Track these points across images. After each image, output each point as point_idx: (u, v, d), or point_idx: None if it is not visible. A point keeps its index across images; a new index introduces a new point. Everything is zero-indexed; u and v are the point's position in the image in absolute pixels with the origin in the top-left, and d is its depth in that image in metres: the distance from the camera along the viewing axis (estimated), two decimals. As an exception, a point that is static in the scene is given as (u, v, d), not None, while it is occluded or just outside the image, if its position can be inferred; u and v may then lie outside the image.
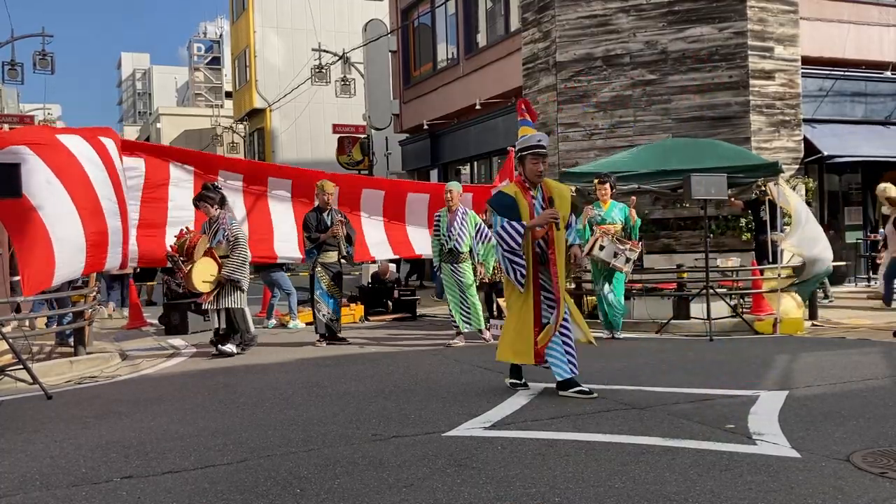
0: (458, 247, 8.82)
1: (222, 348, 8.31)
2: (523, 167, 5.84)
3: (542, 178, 5.86)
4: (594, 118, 13.47)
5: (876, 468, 3.71)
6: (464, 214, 8.94)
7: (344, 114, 30.94)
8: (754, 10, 12.73)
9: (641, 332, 9.60)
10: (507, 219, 5.66)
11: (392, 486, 3.66)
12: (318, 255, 9.01)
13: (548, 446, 4.29)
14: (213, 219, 8.39)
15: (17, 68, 24.51)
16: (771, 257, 10.61)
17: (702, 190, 8.81)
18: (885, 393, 5.49)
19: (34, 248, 7.23)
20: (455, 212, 8.91)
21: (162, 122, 50.80)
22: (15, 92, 41.62)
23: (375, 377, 6.80)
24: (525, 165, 5.82)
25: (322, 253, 9.02)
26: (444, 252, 8.93)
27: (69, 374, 7.62)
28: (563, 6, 13.62)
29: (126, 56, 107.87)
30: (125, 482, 3.89)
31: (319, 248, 9.01)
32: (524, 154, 5.81)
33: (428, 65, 22.38)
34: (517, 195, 5.76)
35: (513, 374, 6.06)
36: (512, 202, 5.73)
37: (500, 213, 5.71)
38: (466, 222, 8.89)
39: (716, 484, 3.56)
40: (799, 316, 9.40)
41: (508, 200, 5.74)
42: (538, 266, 5.74)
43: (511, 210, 5.70)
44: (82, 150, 7.93)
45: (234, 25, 39.53)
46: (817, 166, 13.98)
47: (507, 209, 5.71)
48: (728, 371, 6.59)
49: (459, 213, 8.92)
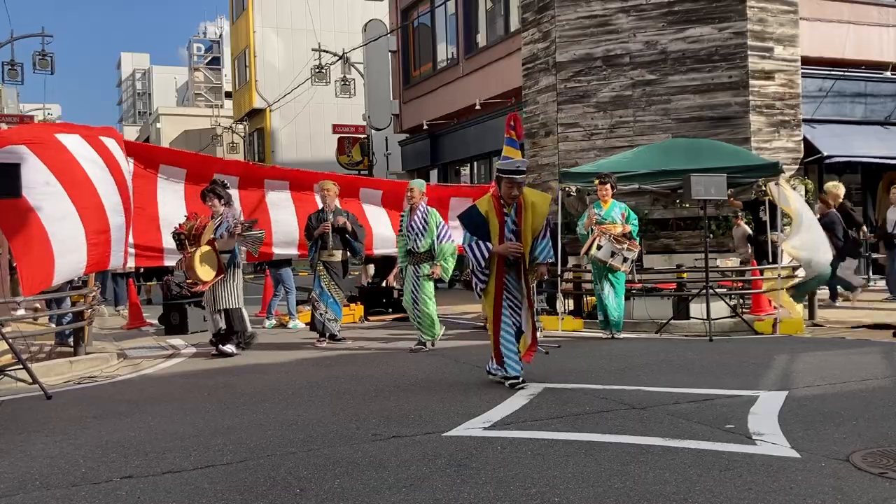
0: (415, 247, 8.50)
1: (222, 348, 8.31)
2: (499, 187, 6.08)
3: (515, 199, 6.06)
4: (594, 118, 13.47)
5: (875, 468, 3.71)
6: (424, 213, 8.53)
7: (344, 114, 30.96)
8: (754, 11, 12.74)
9: (641, 332, 9.60)
10: (476, 238, 5.95)
11: (392, 486, 3.66)
12: (318, 254, 9.00)
13: (547, 446, 4.29)
14: (216, 214, 8.38)
15: (17, 68, 24.54)
16: (771, 257, 10.61)
17: (702, 190, 8.81)
18: (884, 393, 5.49)
19: (32, 249, 7.22)
20: (415, 210, 8.54)
21: (162, 123, 50.82)
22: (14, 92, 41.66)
23: (375, 377, 6.79)
24: (501, 187, 6.04)
25: (323, 251, 9.00)
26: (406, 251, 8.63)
27: (69, 374, 7.61)
28: (562, 6, 13.62)
29: (126, 56, 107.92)
30: (125, 482, 3.89)
31: (317, 246, 9.01)
32: (501, 177, 6.04)
33: (428, 65, 22.39)
34: (489, 213, 6.01)
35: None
36: (482, 221, 5.99)
37: (470, 231, 6.00)
38: (428, 222, 8.48)
39: (715, 484, 3.56)
40: (799, 316, 9.40)
41: (478, 220, 6.00)
42: (504, 268, 6.03)
43: (479, 229, 5.98)
44: (82, 150, 7.91)
45: (233, 25, 39.55)
46: (817, 167, 13.98)
47: (476, 228, 5.99)
48: (728, 371, 6.59)
49: (420, 211, 8.53)
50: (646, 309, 10.08)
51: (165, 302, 11.35)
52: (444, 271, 8.58)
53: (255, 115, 36.40)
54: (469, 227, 6.02)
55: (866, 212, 15.22)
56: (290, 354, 8.51)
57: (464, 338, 9.54)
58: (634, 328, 9.73)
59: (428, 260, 8.51)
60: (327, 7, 35.04)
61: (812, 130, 13.55)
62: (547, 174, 13.94)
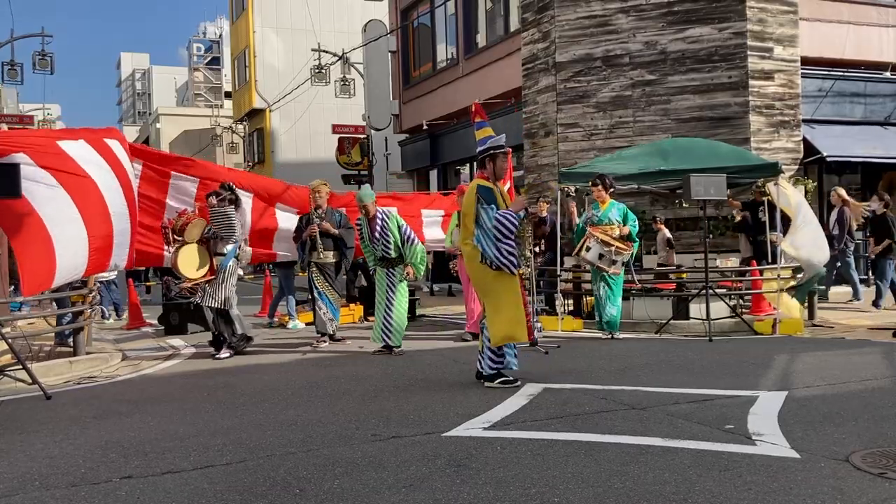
0: (386, 253, 8.52)
1: (217, 356, 8.32)
2: (494, 164, 6.23)
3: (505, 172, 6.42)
4: (594, 118, 13.48)
5: (875, 468, 3.71)
6: (384, 219, 8.55)
7: (343, 114, 30.94)
8: (754, 11, 12.75)
9: (641, 332, 9.60)
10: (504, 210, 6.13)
11: (391, 487, 3.66)
12: (307, 255, 9.06)
13: (547, 446, 4.29)
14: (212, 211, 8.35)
15: (17, 68, 24.50)
16: (770, 257, 10.61)
17: (701, 190, 8.81)
18: (884, 393, 5.49)
19: (33, 249, 7.20)
20: (374, 219, 8.55)
21: (161, 123, 50.80)
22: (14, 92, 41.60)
23: (374, 377, 6.79)
24: (496, 163, 6.22)
25: (313, 252, 9.02)
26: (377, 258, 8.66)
27: (68, 375, 7.61)
28: (562, 6, 13.63)
29: (126, 56, 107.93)
30: (124, 482, 3.89)
31: (304, 248, 9.07)
32: (497, 153, 6.23)
33: (427, 65, 22.39)
34: (492, 188, 6.21)
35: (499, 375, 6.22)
36: (495, 196, 6.17)
37: (489, 203, 6.10)
38: (388, 227, 8.49)
39: (715, 484, 3.56)
40: (798, 316, 9.40)
41: (494, 195, 6.17)
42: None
43: (496, 204, 6.16)
44: (86, 154, 7.88)
45: (233, 26, 39.53)
46: (817, 167, 13.99)
47: (495, 201, 6.15)
48: (727, 371, 6.59)
49: (379, 219, 8.54)
50: (645, 309, 10.09)
51: (165, 302, 11.35)
52: (417, 271, 8.71)
53: (255, 115, 36.39)
54: (489, 200, 6.09)
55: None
56: (289, 355, 8.51)
57: (463, 338, 9.54)
58: (634, 328, 9.73)
59: (400, 263, 8.59)
60: (327, 7, 35.03)
61: (812, 131, 13.55)
62: (546, 174, 13.95)
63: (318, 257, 9.03)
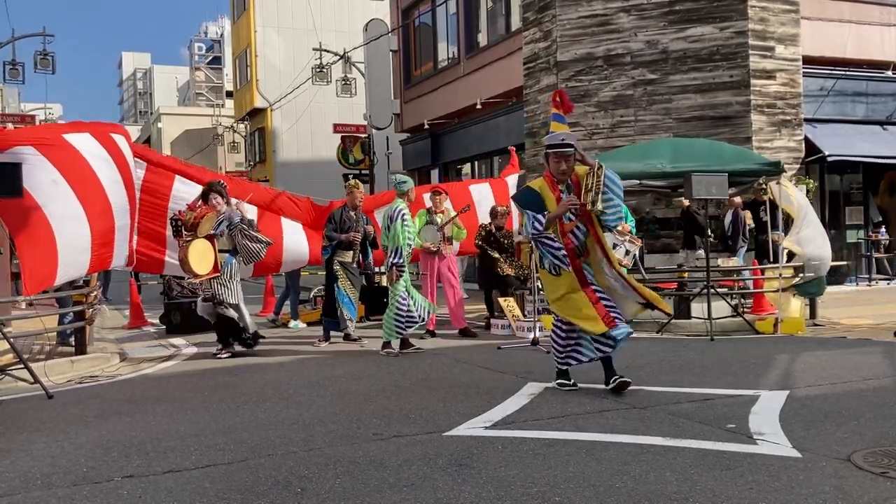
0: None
1: (218, 356, 8.31)
2: (547, 164, 5.85)
3: (567, 175, 5.79)
4: (595, 118, 13.47)
5: (877, 468, 3.71)
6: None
7: (345, 113, 30.91)
8: (755, 10, 12.73)
9: (642, 331, 9.58)
10: (533, 213, 5.70)
11: (393, 486, 3.66)
12: (334, 254, 9.01)
13: (548, 446, 4.29)
14: (221, 213, 8.36)
15: (19, 68, 24.53)
16: (771, 257, 10.60)
17: (702, 189, 8.81)
18: (885, 393, 5.49)
19: (36, 247, 7.21)
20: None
21: (163, 122, 50.75)
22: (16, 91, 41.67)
23: (376, 376, 6.80)
24: (549, 163, 5.82)
25: (341, 251, 9.02)
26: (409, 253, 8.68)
27: (70, 374, 7.62)
28: (563, 6, 13.61)
29: (127, 55, 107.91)
30: (126, 481, 3.89)
31: (335, 247, 9.02)
32: (548, 152, 5.81)
33: (429, 64, 22.38)
34: (542, 189, 5.78)
35: (560, 375, 5.98)
36: (536, 197, 5.75)
37: (526, 208, 5.79)
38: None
39: (716, 483, 3.56)
40: (799, 316, 9.39)
41: (531, 196, 5.79)
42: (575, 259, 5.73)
43: (536, 206, 5.73)
44: (92, 148, 7.89)
45: (234, 25, 39.52)
46: (818, 166, 13.98)
47: (530, 204, 5.77)
48: (729, 371, 6.59)
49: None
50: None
51: (166, 301, 11.35)
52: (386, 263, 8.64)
53: (256, 114, 36.37)
54: (523, 204, 5.83)
55: (867, 211, 15.22)
56: (290, 354, 8.52)
57: (464, 338, 9.53)
58: (635, 328, 9.67)
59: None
60: (328, 6, 35.02)
61: (813, 130, 13.54)
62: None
63: (343, 256, 9.05)
